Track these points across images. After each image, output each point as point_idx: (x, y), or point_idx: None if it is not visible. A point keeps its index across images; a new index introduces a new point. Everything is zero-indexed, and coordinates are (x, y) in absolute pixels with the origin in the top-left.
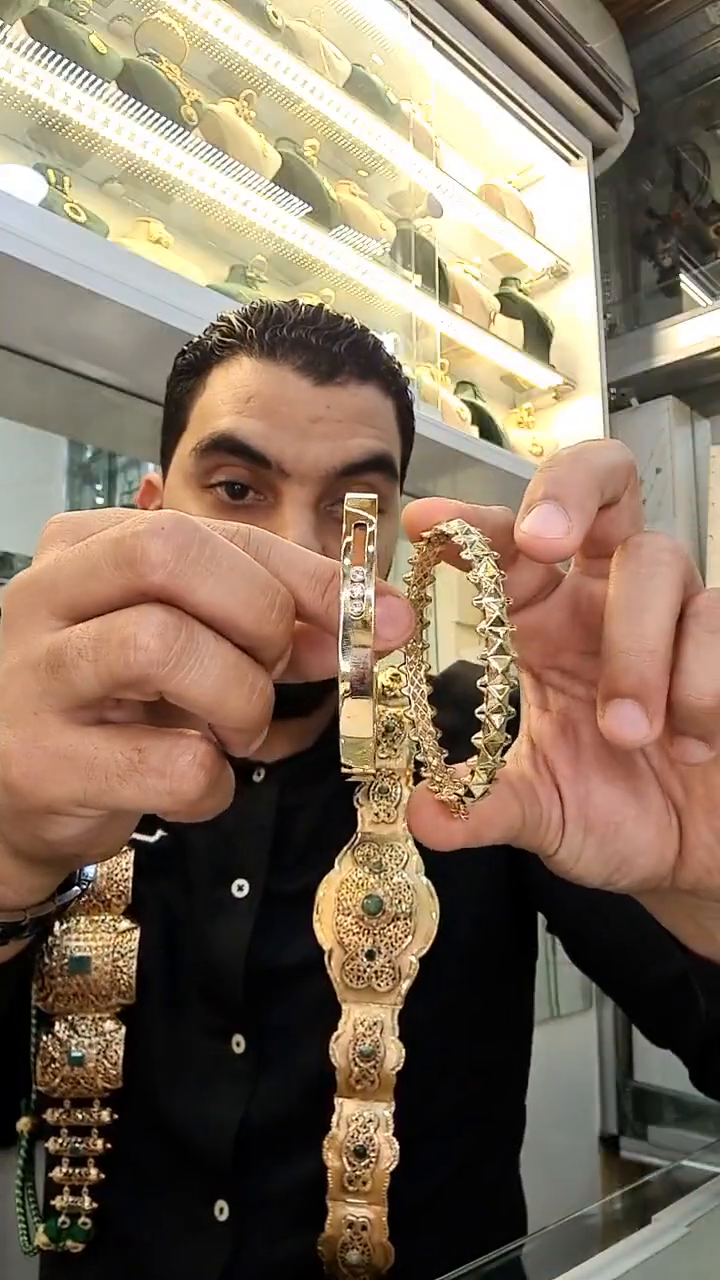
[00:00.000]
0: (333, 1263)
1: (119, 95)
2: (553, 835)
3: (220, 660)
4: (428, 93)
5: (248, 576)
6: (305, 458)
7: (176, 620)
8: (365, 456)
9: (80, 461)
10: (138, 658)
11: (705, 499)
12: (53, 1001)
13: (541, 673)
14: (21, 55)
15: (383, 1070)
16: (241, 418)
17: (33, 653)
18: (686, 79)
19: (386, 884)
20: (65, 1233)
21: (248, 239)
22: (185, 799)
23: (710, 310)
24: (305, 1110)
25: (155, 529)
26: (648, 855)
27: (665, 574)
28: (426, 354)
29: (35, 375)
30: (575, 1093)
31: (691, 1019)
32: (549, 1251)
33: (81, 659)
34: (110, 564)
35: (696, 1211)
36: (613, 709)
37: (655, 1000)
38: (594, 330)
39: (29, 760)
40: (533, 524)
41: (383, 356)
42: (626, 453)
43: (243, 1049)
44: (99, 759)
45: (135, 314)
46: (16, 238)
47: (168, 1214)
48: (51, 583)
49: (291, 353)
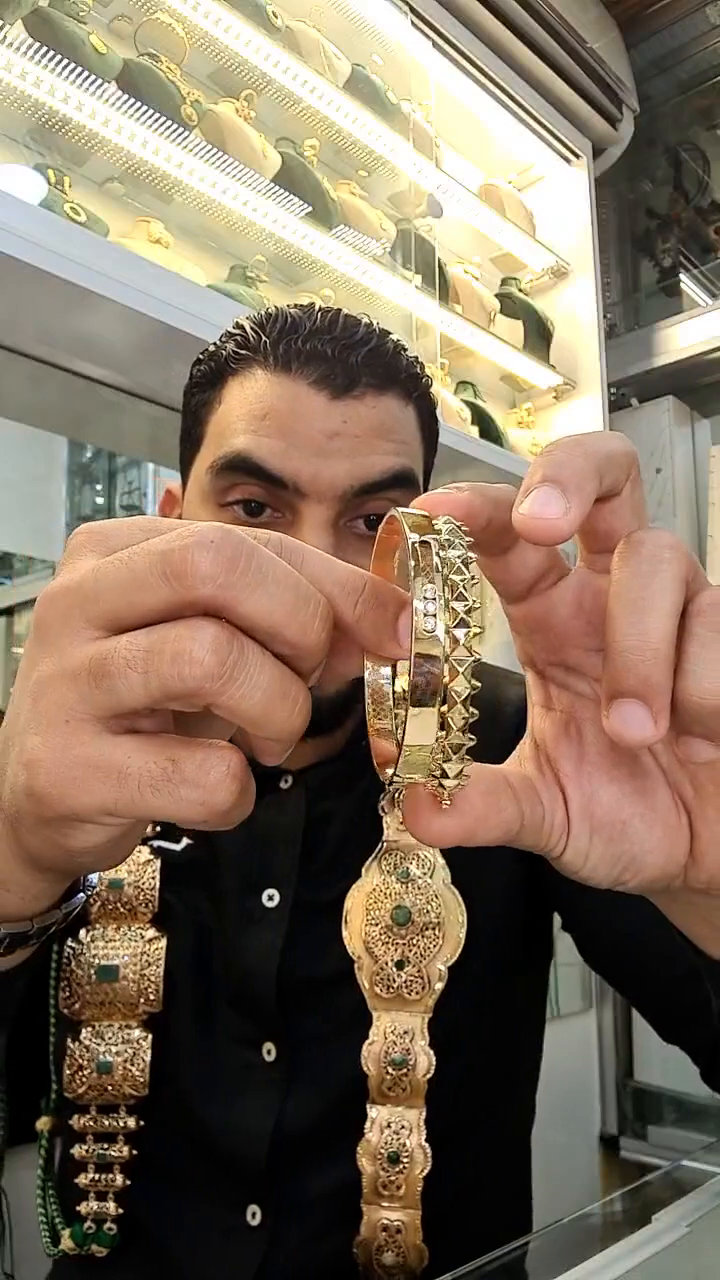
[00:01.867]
0: (368, 1264)
1: (119, 95)
2: (557, 836)
3: (268, 674)
4: (428, 93)
5: (293, 588)
6: (322, 477)
7: (228, 635)
8: (384, 475)
9: (80, 461)
10: (192, 671)
11: (705, 499)
12: (80, 1008)
13: (545, 669)
14: (21, 55)
15: (414, 1077)
16: (257, 436)
17: (70, 662)
18: (686, 79)
19: (414, 893)
20: (91, 1238)
21: (248, 239)
22: (217, 809)
23: (710, 310)
24: (338, 1117)
25: (204, 542)
26: (657, 854)
27: (667, 571)
28: (426, 354)
29: (35, 375)
30: (575, 1093)
31: (703, 1017)
32: (549, 1251)
33: (130, 670)
34: (158, 576)
35: (696, 1211)
36: (617, 709)
37: (666, 998)
38: (594, 330)
39: (59, 768)
40: (530, 506)
41: (402, 363)
42: (628, 443)
43: (273, 1057)
44: (131, 768)
45: (135, 314)
46: (16, 238)
47: (198, 1219)
48: (92, 593)
49: (307, 366)
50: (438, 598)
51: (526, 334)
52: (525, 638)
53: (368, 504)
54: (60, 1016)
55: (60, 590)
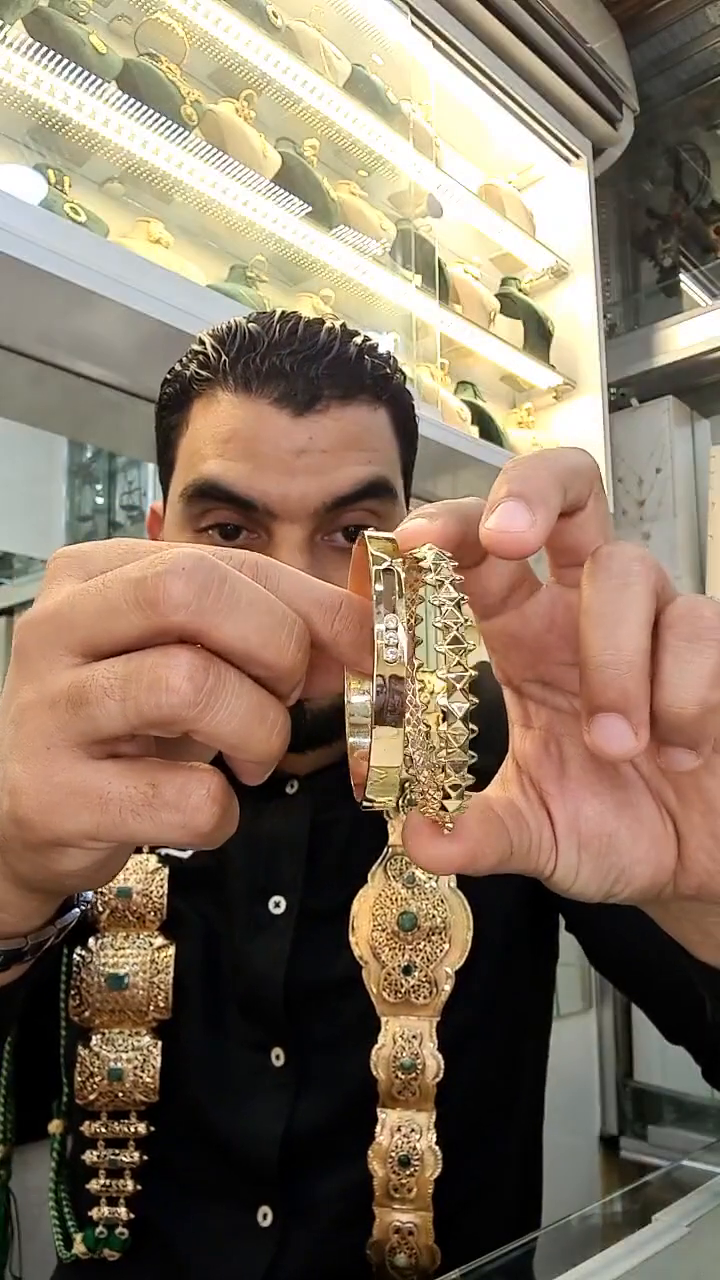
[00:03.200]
0: (380, 1265)
1: (119, 95)
2: (545, 856)
3: (245, 699)
4: (428, 93)
5: (266, 611)
6: (291, 496)
7: (204, 662)
8: (355, 487)
9: (80, 461)
10: (169, 699)
11: (705, 499)
12: (90, 1016)
13: (521, 685)
14: (21, 55)
15: (423, 1081)
16: (224, 460)
17: (49, 689)
18: (686, 79)
19: (420, 898)
20: (103, 1242)
21: (248, 239)
22: (198, 831)
23: (710, 310)
24: (348, 1120)
25: (176, 569)
26: (645, 864)
27: (635, 584)
28: (426, 354)
29: (35, 375)
30: (575, 1093)
31: (704, 1018)
32: (549, 1251)
33: (108, 698)
34: (131, 604)
35: (696, 1211)
36: (597, 723)
37: (670, 998)
38: (594, 330)
39: (41, 795)
40: (497, 521)
41: (367, 366)
42: (588, 457)
43: (282, 1062)
44: (112, 793)
45: (135, 314)
46: (16, 238)
47: (209, 1220)
48: (68, 620)
49: (267, 384)
50: (400, 618)
51: (526, 334)
52: (501, 654)
53: (343, 516)
54: (70, 1023)
55: (39, 617)
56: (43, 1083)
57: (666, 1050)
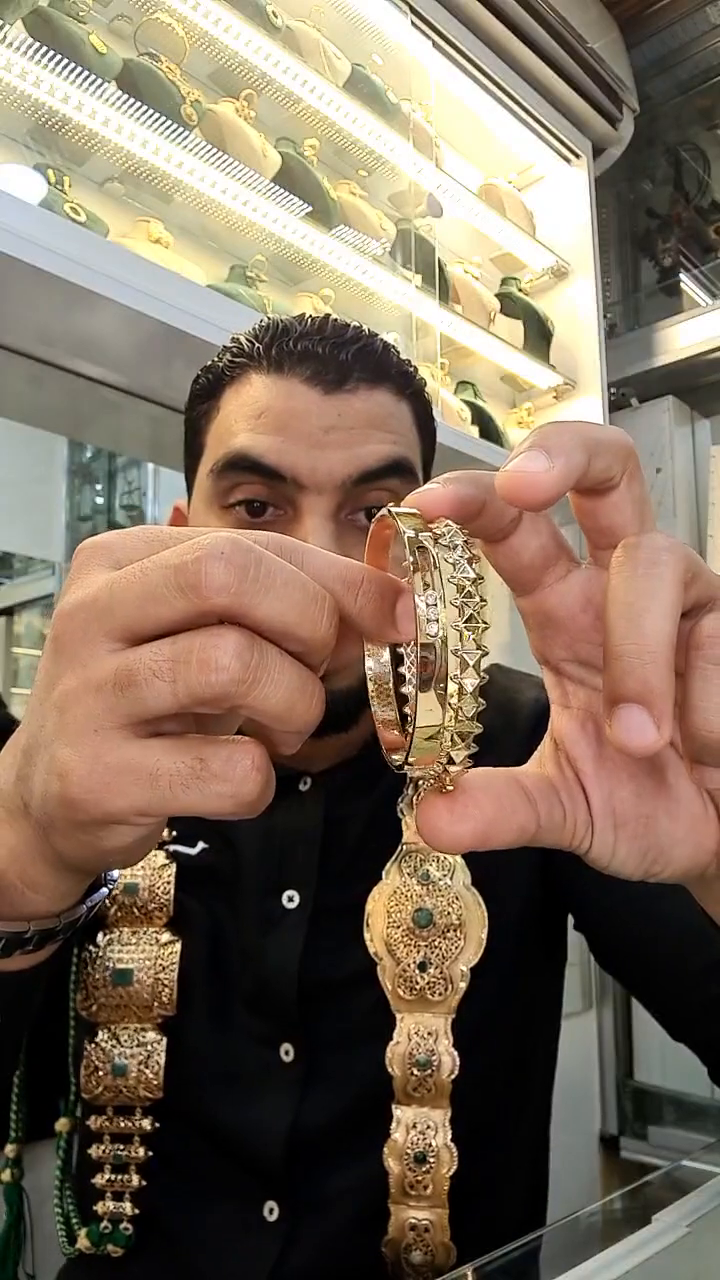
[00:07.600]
0: (396, 1263)
1: (119, 95)
2: (582, 833)
3: (288, 673)
4: (428, 93)
5: (300, 589)
6: (320, 469)
7: (249, 641)
8: (380, 463)
9: (80, 461)
10: (219, 678)
11: (705, 499)
12: (96, 1011)
13: (559, 664)
14: (21, 55)
15: (439, 1078)
16: (254, 434)
17: (94, 674)
18: (686, 79)
19: (435, 895)
20: (106, 1238)
21: (248, 239)
22: (245, 800)
23: (710, 310)
24: (359, 1116)
25: (215, 553)
26: (685, 845)
27: (662, 573)
28: (426, 354)
29: (35, 375)
30: (575, 1093)
31: (714, 1013)
32: (549, 1251)
33: (157, 679)
34: (173, 589)
35: (696, 1211)
36: (618, 715)
37: (677, 996)
38: (594, 330)
39: (92, 776)
40: (514, 464)
41: (393, 360)
42: (624, 436)
43: (291, 1057)
44: (162, 769)
45: (135, 314)
46: (16, 238)
47: (215, 1215)
48: (108, 607)
49: (299, 364)
50: (437, 588)
51: (526, 334)
52: (538, 633)
53: (367, 494)
54: (78, 1019)
55: (76, 605)
56: (51, 1082)
57: (667, 1050)
